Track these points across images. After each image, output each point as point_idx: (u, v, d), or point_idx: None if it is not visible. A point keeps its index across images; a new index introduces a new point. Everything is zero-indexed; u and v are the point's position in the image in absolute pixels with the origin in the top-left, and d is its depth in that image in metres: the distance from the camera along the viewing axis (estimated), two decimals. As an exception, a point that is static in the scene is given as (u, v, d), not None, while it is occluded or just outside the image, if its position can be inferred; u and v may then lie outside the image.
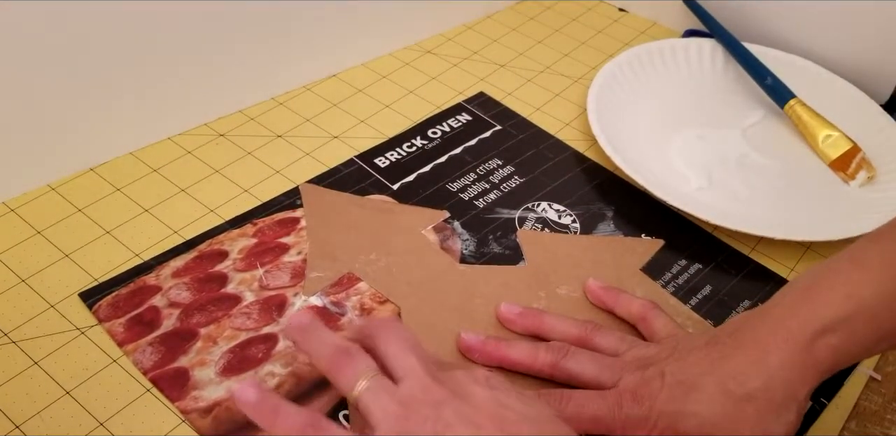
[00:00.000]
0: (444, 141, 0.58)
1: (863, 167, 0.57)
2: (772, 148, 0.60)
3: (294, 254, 0.48)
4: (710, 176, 0.57)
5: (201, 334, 0.44)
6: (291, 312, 0.45)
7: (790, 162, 0.59)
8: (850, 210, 0.55)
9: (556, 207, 0.54)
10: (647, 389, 0.38)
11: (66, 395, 0.41)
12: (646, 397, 0.37)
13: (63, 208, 0.50)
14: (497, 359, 0.42)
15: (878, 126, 0.61)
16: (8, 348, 0.43)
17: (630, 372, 0.39)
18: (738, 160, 0.59)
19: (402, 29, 0.66)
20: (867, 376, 0.47)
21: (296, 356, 0.43)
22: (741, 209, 0.54)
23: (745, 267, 0.52)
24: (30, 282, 0.46)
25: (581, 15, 0.74)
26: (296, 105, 0.60)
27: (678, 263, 0.51)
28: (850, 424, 0.44)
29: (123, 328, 0.44)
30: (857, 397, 0.46)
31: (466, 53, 0.67)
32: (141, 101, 0.52)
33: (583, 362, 0.40)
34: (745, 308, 0.49)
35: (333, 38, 0.61)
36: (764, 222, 0.52)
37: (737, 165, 0.58)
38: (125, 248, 0.48)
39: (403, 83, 0.63)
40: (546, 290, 0.48)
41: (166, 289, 0.46)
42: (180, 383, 0.41)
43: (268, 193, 0.52)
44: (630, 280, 0.49)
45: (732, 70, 0.66)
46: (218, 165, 0.54)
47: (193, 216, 0.51)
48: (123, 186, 0.52)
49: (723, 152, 0.59)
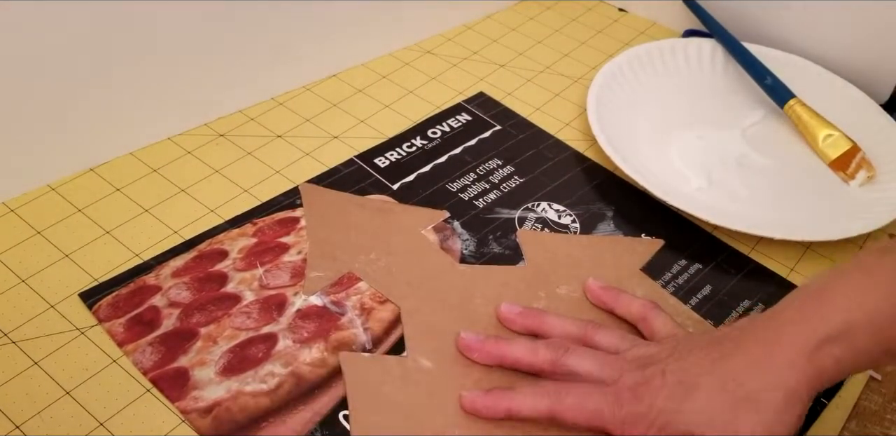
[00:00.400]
0: (443, 141, 0.58)
1: (863, 167, 0.57)
2: (772, 148, 0.60)
3: (294, 253, 0.48)
4: (709, 176, 0.57)
5: (201, 334, 0.44)
6: (291, 312, 0.45)
7: (790, 162, 0.59)
8: (850, 210, 0.55)
9: (556, 207, 0.54)
10: (647, 387, 0.38)
11: (66, 395, 0.41)
12: (646, 394, 0.37)
13: (63, 208, 0.50)
14: (497, 357, 0.42)
15: (878, 126, 0.61)
16: (8, 348, 0.43)
17: (630, 371, 0.39)
18: (738, 160, 0.59)
19: (402, 29, 0.66)
20: (867, 375, 0.47)
21: (296, 356, 0.43)
22: (741, 209, 0.54)
23: (744, 267, 0.52)
24: (30, 282, 0.46)
25: (581, 15, 0.74)
26: (296, 105, 0.60)
27: (678, 263, 0.51)
28: (850, 424, 0.44)
29: (123, 328, 0.44)
30: (857, 397, 0.46)
31: (466, 53, 0.67)
32: (141, 101, 0.52)
33: (583, 359, 0.40)
34: (744, 308, 0.49)
35: (333, 38, 0.61)
36: (764, 222, 0.52)
37: (736, 165, 0.58)
38: (125, 248, 0.48)
39: (403, 83, 0.63)
40: (546, 290, 0.48)
41: (166, 289, 0.46)
42: (180, 383, 0.41)
43: (268, 192, 0.52)
44: (630, 280, 0.49)
45: (732, 70, 0.66)
46: (218, 165, 0.54)
47: (193, 216, 0.51)
48: (123, 186, 0.52)
49: (722, 152, 0.59)
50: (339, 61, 0.63)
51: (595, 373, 0.40)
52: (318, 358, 0.43)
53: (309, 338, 0.44)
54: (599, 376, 0.39)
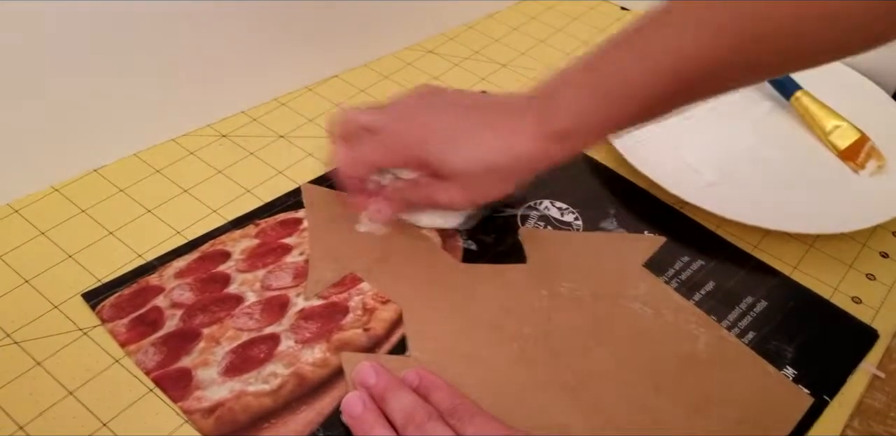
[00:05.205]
0: (445, 140, 0.58)
1: (872, 156, 0.57)
2: (780, 140, 0.60)
3: (296, 254, 0.48)
4: (719, 169, 0.57)
5: (204, 335, 0.44)
6: (293, 313, 0.45)
7: (799, 153, 0.59)
8: (863, 199, 0.55)
9: (559, 204, 0.54)
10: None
11: (70, 395, 0.41)
12: None
13: (66, 209, 0.50)
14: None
15: (888, 115, 0.61)
16: (11, 348, 0.43)
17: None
18: (747, 153, 0.59)
19: (404, 29, 0.66)
20: (870, 373, 0.46)
21: (298, 356, 0.43)
22: (751, 202, 0.54)
23: (747, 264, 0.52)
24: (33, 283, 0.46)
25: (583, 14, 0.74)
26: (298, 105, 0.60)
27: (681, 260, 0.51)
28: (853, 422, 0.44)
29: (126, 329, 0.44)
30: (860, 395, 0.45)
31: (468, 53, 0.67)
32: (144, 102, 0.53)
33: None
34: (747, 304, 0.49)
35: (335, 38, 0.61)
36: (774, 215, 0.52)
37: (746, 158, 0.58)
38: (128, 248, 0.48)
39: (406, 83, 0.63)
40: (549, 288, 0.48)
41: (169, 289, 0.46)
42: (183, 384, 0.42)
43: (270, 193, 0.53)
44: (633, 276, 0.49)
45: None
46: (220, 166, 0.54)
47: (196, 217, 0.51)
48: (126, 187, 0.52)
49: (731, 145, 0.59)
50: (341, 62, 0.63)
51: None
52: (321, 358, 0.43)
53: (311, 338, 0.44)
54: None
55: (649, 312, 0.47)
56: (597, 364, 0.44)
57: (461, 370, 0.43)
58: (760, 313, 0.48)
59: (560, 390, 0.43)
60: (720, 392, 0.44)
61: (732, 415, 0.43)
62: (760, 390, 0.44)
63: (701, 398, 0.43)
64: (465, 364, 0.43)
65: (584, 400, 0.42)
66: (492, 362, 0.44)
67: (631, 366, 0.44)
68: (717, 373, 0.45)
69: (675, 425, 0.42)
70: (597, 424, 0.41)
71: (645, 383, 0.44)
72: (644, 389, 0.43)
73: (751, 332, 0.47)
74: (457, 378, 0.42)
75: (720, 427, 0.42)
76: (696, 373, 0.44)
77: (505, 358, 0.44)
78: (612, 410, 0.42)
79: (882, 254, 0.54)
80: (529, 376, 0.43)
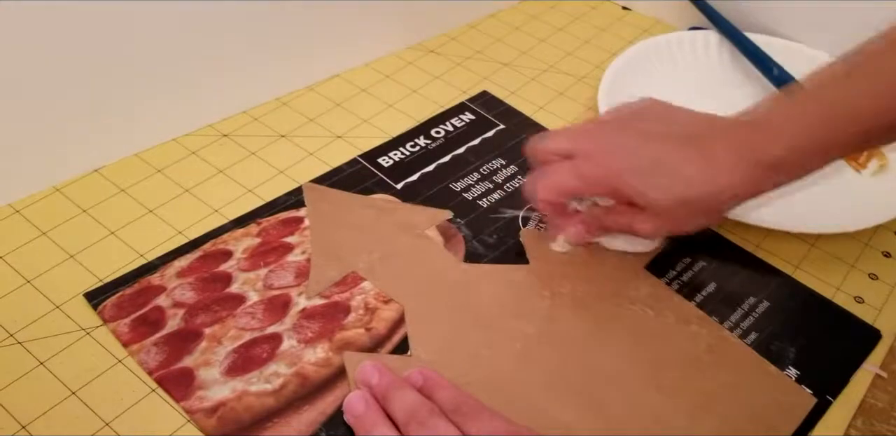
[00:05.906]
0: (447, 140, 0.58)
1: (874, 156, 0.57)
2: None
3: (298, 253, 0.48)
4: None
5: (206, 334, 0.44)
6: (295, 312, 0.45)
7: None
8: (864, 199, 0.55)
9: (560, 205, 0.54)
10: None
11: (72, 395, 0.41)
12: None
13: (68, 209, 0.50)
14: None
15: None
16: (14, 348, 0.43)
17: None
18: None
19: (405, 29, 0.66)
20: (873, 373, 0.46)
21: (300, 356, 0.43)
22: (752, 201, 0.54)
23: (749, 264, 0.51)
24: (35, 283, 0.46)
25: (584, 13, 0.74)
26: (299, 105, 0.60)
27: (682, 261, 0.51)
28: (856, 422, 0.44)
29: (128, 328, 0.44)
30: (863, 395, 0.45)
31: (469, 52, 0.67)
32: (145, 102, 0.53)
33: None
34: (749, 305, 0.49)
35: (336, 38, 0.61)
36: (776, 214, 0.52)
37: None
38: (130, 248, 0.48)
39: (407, 83, 0.63)
40: (550, 289, 0.48)
41: (171, 289, 0.46)
42: (185, 384, 0.41)
43: (271, 192, 0.53)
44: (634, 278, 0.49)
45: (740, 61, 0.65)
46: (222, 166, 0.54)
47: (197, 216, 0.51)
48: (128, 186, 0.52)
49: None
50: (342, 61, 0.63)
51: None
52: (323, 358, 0.43)
53: (313, 338, 0.44)
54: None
55: (651, 314, 0.47)
56: (599, 364, 0.44)
57: (463, 370, 0.43)
58: (763, 314, 0.48)
59: (562, 390, 0.43)
60: (723, 393, 0.44)
61: (735, 416, 0.43)
62: (763, 390, 0.44)
63: (703, 399, 0.43)
64: (467, 364, 0.43)
65: (587, 400, 0.42)
66: (494, 362, 0.44)
67: (633, 366, 0.44)
68: (719, 374, 0.45)
69: (678, 426, 0.42)
70: (599, 424, 0.41)
71: (647, 384, 0.44)
72: (646, 389, 0.43)
73: (753, 333, 0.47)
74: (459, 378, 0.42)
75: (723, 428, 0.42)
76: (698, 374, 0.44)
77: (507, 358, 0.44)
78: (615, 410, 0.42)
79: (884, 253, 0.54)
80: (531, 376, 0.43)
